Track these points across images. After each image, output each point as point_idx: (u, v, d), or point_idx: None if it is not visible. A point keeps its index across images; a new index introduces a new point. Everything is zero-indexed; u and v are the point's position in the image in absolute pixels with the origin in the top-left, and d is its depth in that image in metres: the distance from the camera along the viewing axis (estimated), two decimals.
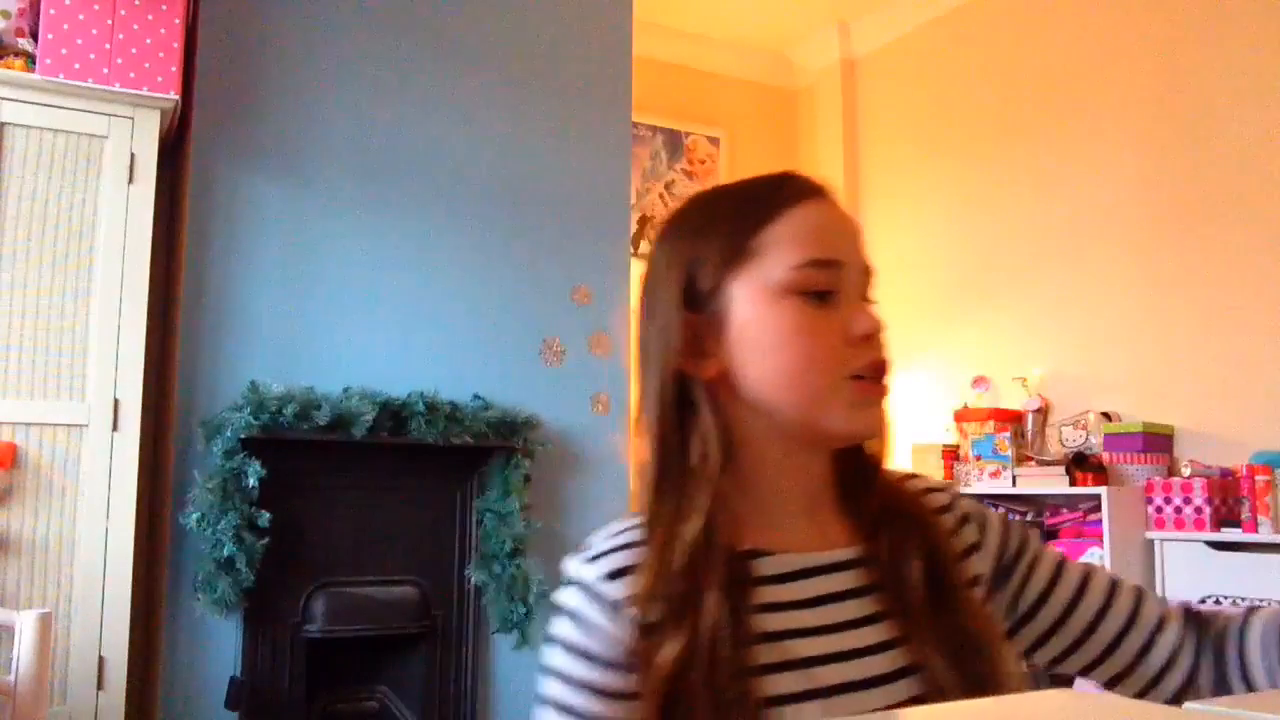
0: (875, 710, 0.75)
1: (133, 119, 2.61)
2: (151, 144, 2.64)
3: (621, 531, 0.80)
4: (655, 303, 0.83)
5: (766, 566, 0.79)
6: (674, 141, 4.68)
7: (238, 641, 2.62)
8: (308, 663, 2.68)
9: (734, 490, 0.79)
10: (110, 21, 2.55)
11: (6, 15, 2.56)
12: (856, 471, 0.85)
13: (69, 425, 2.48)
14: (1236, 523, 2.92)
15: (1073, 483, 3.25)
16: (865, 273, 0.82)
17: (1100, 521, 3.12)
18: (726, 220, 0.81)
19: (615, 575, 0.77)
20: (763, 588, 0.78)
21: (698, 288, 0.81)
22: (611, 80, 3.40)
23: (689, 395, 0.80)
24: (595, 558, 0.78)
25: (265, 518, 2.54)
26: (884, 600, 0.79)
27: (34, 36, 2.53)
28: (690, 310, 0.81)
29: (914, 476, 0.89)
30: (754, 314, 0.79)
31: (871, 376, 0.79)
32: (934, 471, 3.80)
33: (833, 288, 0.79)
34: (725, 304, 0.80)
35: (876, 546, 0.82)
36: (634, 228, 4.41)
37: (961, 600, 0.80)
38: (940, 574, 0.80)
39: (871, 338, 0.79)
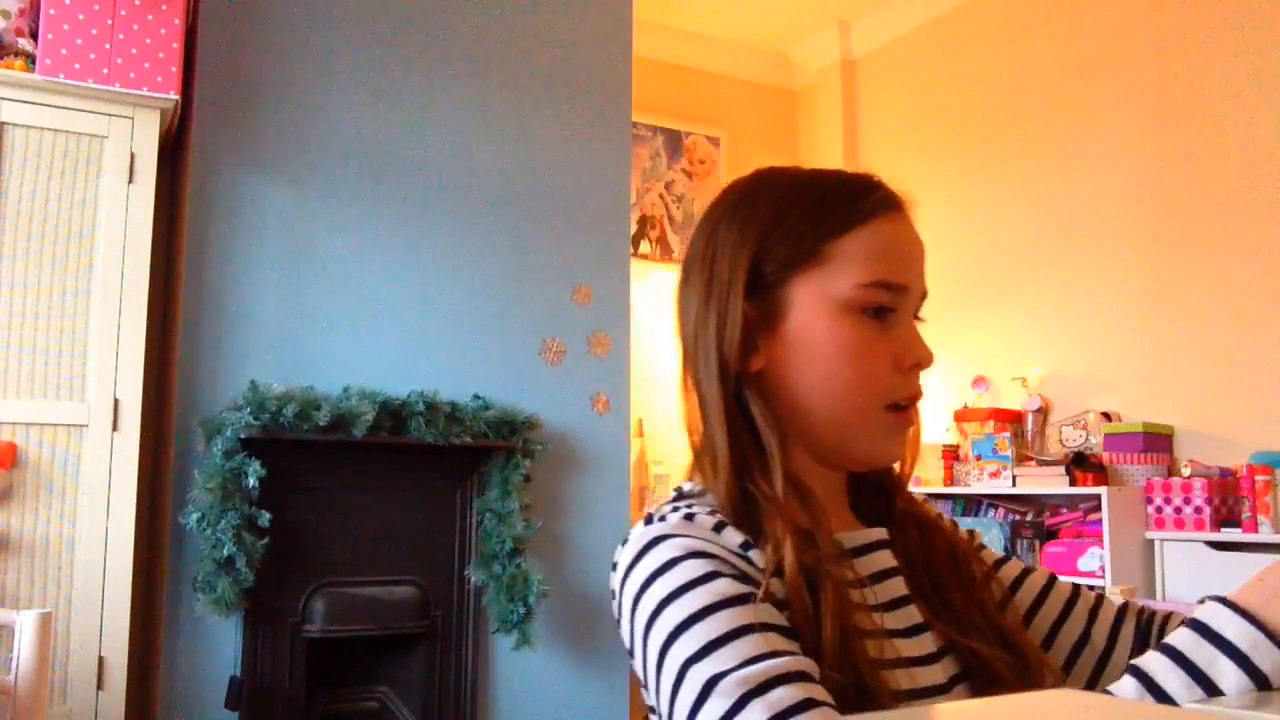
0: (930, 688, 0.76)
1: (133, 119, 2.61)
2: (151, 144, 2.64)
3: (695, 498, 0.78)
4: (715, 281, 0.79)
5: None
6: (674, 141, 4.68)
7: (238, 641, 2.62)
8: (308, 663, 2.68)
9: None
10: (110, 21, 2.55)
11: (6, 15, 2.56)
12: (873, 485, 0.87)
13: (69, 425, 2.48)
14: (1236, 523, 2.92)
15: (1073, 483, 3.25)
16: (921, 295, 0.82)
17: (1100, 521, 3.12)
18: (803, 219, 0.79)
19: (720, 528, 0.73)
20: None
21: (761, 277, 0.79)
22: (611, 80, 3.40)
23: (738, 386, 0.79)
24: (689, 516, 0.74)
25: (265, 518, 2.54)
26: (909, 584, 0.81)
27: (34, 36, 2.53)
28: (748, 298, 0.78)
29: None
30: (812, 321, 0.78)
31: (906, 406, 0.80)
32: (934, 472, 3.80)
33: (893, 307, 0.79)
34: (783, 301, 0.78)
35: (900, 535, 0.83)
36: (634, 228, 4.41)
37: (989, 589, 0.84)
38: (963, 566, 0.83)
39: (919, 368, 0.79)
